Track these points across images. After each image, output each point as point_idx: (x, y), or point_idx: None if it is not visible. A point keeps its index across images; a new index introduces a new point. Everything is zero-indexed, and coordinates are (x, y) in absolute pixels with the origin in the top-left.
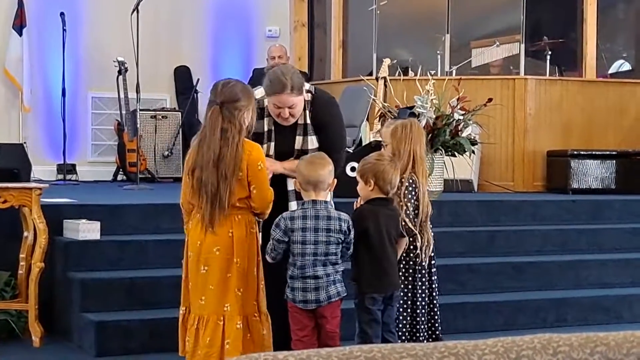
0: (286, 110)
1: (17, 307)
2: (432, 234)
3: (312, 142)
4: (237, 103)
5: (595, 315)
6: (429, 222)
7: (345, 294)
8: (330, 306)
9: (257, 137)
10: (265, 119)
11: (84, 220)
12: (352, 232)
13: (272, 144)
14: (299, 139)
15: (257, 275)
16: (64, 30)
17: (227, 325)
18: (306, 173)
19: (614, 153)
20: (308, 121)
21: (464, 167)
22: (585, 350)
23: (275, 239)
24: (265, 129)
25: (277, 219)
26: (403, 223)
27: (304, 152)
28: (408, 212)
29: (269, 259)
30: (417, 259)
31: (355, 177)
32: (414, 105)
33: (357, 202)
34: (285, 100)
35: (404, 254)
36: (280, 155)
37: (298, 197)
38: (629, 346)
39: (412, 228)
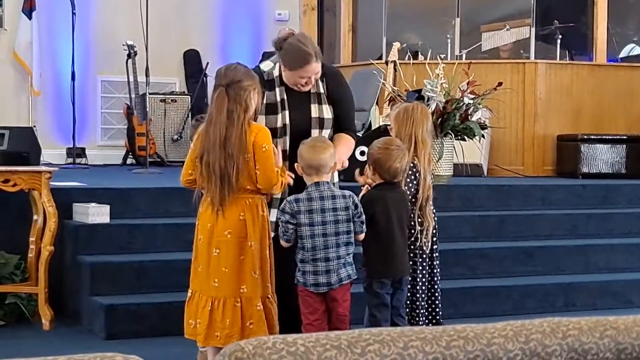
0: (312, 78)
1: (27, 290)
2: (435, 218)
3: (327, 111)
4: (242, 83)
5: (604, 299)
6: (430, 207)
7: (356, 276)
8: (342, 289)
9: (271, 107)
10: (277, 89)
11: (93, 204)
12: (360, 207)
13: (287, 112)
14: (314, 107)
15: (270, 257)
16: (73, 13)
17: (246, 307)
18: (308, 157)
19: (624, 137)
20: (321, 90)
21: (473, 151)
22: (594, 334)
23: (285, 222)
24: (278, 98)
25: (283, 203)
26: None
27: (321, 120)
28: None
29: (284, 244)
30: (417, 243)
31: (363, 161)
32: (422, 89)
33: (364, 188)
34: (314, 69)
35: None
36: (295, 124)
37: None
38: (639, 330)
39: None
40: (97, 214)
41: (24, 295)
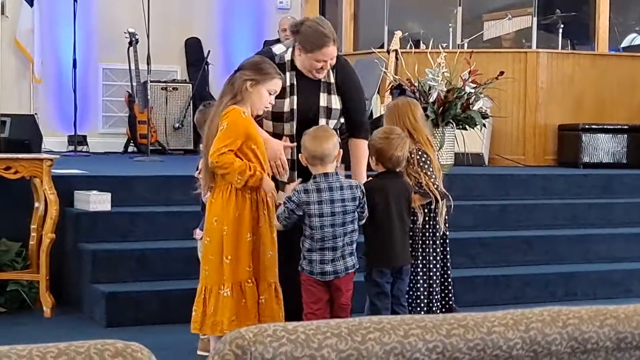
0: (328, 63)
1: (28, 277)
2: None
3: (336, 101)
4: (242, 71)
5: (605, 289)
6: (441, 187)
7: (358, 265)
8: (346, 279)
9: (280, 91)
10: (287, 73)
11: (94, 192)
12: (365, 196)
13: (295, 97)
14: (323, 97)
15: (255, 242)
16: (74, 0)
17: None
18: (312, 148)
19: (625, 127)
20: (332, 80)
21: (474, 140)
22: (594, 323)
23: (290, 209)
24: (288, 82)
25: (292, 192)
26: (437, 187)
27: (329, 109)
28: (434, 176)
29: (279, 226)
30: (438, 226)
31: None
32: (401, 84)
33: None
34: (331, 53)
35: (419, 225)
36: (302, 112)
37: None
38: (639, 319)
39: (444, 191)
40: (98, 201)
41: (25, 283)
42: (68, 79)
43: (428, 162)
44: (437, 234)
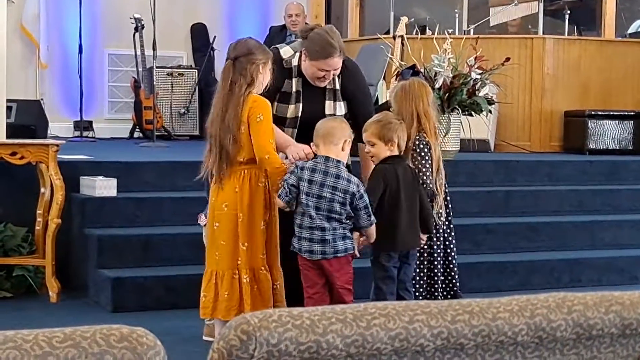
0: (331, 73)
1: (34, 262)
2: (447, 190)
3: (341, 108)
4: (249, 56)
5: (610, 275)
6: (441, 179)
7: (353, 250)
8: (338, 262)
9: (284, 96)
10: (293, 79)
11: (100, 177)
12: (366, 198)
13: (300, 105)
14: (329, 104)
15: (267, 229)
16: None
17: (242, 279)
18: (318, 126)
19: (631, 114)
20: (337, 87)
21: (480, 126)
22: (600, 310)
23: (290, 184)
24: (294, 89)
25: (292, 167)
26: (424, 185)
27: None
28: (428, 173)
29: (282, 203)
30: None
31: None
32: (414, 65)
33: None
34: (335, 64)
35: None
36: (308, 119)
37: None
38: None
39: (434, 189)
40: (104, 187)
41: (32, 268)
42: (74, 65)
43: (428, 154)
44: (439, 222)
